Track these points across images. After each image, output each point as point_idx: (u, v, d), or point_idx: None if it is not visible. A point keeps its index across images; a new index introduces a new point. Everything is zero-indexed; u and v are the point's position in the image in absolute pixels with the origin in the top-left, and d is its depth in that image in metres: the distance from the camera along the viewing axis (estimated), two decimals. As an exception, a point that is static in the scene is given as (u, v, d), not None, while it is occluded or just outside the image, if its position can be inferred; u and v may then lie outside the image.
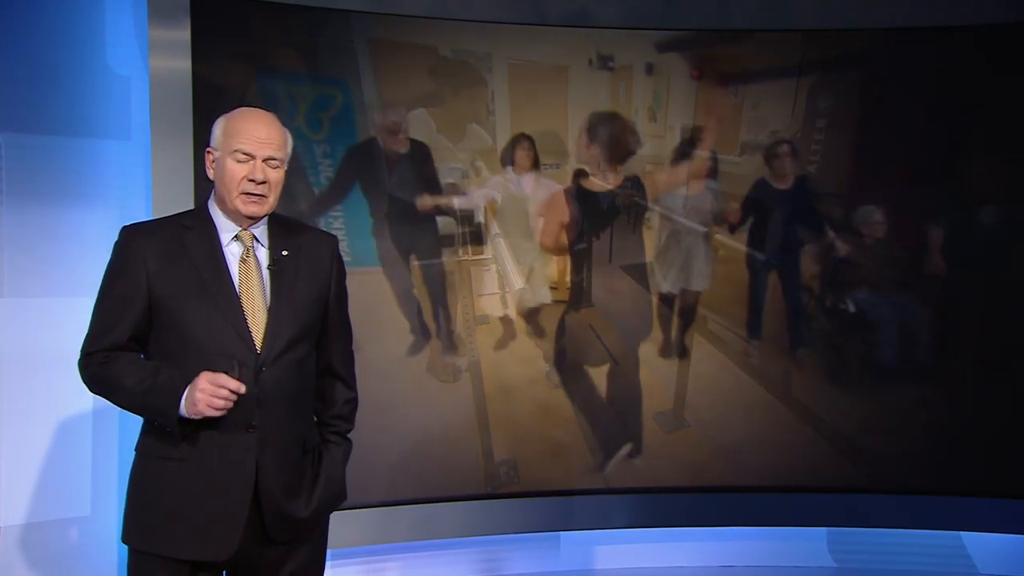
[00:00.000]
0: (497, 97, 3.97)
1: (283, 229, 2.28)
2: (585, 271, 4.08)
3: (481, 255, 4.02)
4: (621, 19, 3.98)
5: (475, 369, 3.98)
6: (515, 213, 4.04)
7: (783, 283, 4.19)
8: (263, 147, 2.16)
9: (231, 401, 2.05)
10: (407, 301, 3.91)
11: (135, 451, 2.23)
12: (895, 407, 4.11)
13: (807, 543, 4.20)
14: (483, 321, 4.02)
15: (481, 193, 4.00)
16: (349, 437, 2.41)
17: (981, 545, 4.12)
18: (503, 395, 4.00)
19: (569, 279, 4.07)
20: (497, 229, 4.02)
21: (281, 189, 2.23)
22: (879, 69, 4.09)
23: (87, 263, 3.26)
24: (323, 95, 3.75)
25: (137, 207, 3.38)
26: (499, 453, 3.97)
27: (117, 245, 2.20)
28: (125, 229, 2.21)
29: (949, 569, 4.12)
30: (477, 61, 3.94)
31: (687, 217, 4.15)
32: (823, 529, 4.19)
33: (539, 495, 3.98)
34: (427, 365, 3.91)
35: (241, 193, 2.16)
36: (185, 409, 2.07)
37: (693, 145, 4.12)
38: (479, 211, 3.99)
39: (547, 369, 4.06)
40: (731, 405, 4.15)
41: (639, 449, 4.09)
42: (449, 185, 3.95)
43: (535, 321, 4.07)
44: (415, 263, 3.93)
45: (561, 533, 4.08)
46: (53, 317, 3.27)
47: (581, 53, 4.00)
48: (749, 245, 4.16)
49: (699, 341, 4.15)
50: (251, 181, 2.15)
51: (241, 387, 2.05)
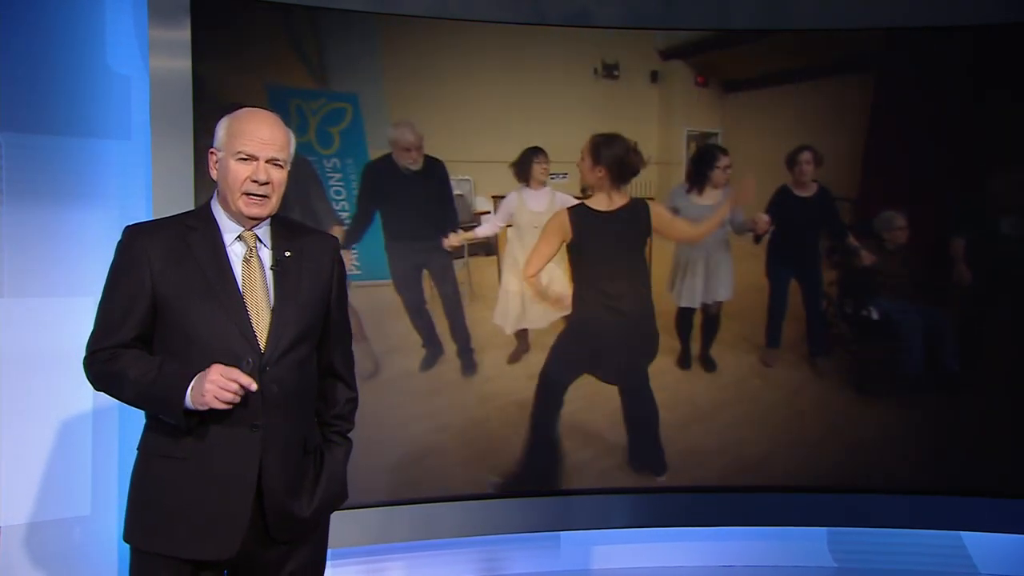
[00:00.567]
0: (503, 105, 3.96)
1: (285, 230, 2.28)
2: (588, 288, 4.04)
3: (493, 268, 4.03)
4: (621, 19, 3.98)
5: (482, 378, 3.99)
6: (531, 231, 4.03)
7: (804, 290, 4.16)
8: (266, 148, 2.17)
9: (239, 396, 2.05)
10: (419, 314, 3.92)
11: (137, 450, 2.23)
12: (895, 408, 4.11)
13: (807, 543, 4.20)
14: (495, 334, 4.01)
15: (500, 217, 3.99)
16: (350, 437, 2.42)
17: (981, 545, 4.12)
18: (511, 406, 4.01)
19: (573, 296, 4.04)
20: (514, 247, 4.02)
21: (284, 190, 2.23)
22: (893, 70, 4.06)
23: (87, 263, 3.27)
24: (332, 107, 3.76)
25: (137, 207, 3.38)
26: (500, 455, 3.98)
27: (121, 245, 2.20)
28: (128, 229, 2.21)
29: (949, 569, 4.12)
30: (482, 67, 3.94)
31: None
32: (823, 529, 4.19)
33: (539, 495, 3.98)
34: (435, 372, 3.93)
35: (244, 194, 2.17)
36: (191, 400, 2.06)
37: (711, 154, 4.10)
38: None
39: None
40: (732, 405, 4.15)
41: (663, 468, 4.09)
42: (458, 197, 3.94)
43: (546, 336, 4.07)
44: (427, 278, 3.93)
45: (561, 533, 4.08)
46: (53, 317, 3.27)
47: (585, 61, 3.99)
48: (770, 253, 4.14)
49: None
50: (254, 182, 2.16)
51: (252, 384, 2.06)
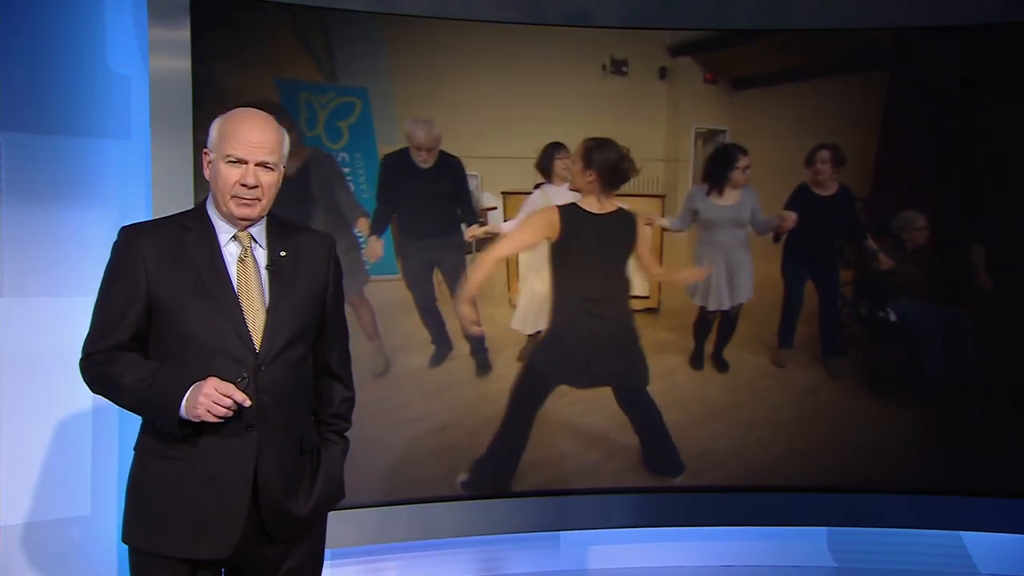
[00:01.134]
0: (510, 101, 3.95)
1: (281, 229, 2.28)
2: (568, 292, 4.00)
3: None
4: (621, 19, 3.97)
5: (493, 377, 3.99)
6: None
7: (819, 291, 4.13)
8: (255, 151, 2.15)
9: (232, 411, 2.06)
10: (429, 312, 3.91)
11: (134, 450, 2.23)
12: (896, 408, 4.11)
13: (807, 543, 4.20)
14: (502, 332, 4.00)
15: (525, 214, 3.97)
16: (347, 436, 2.42)
17: (981, 545, 4.11)
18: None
19: (553, 300, 3.99)
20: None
21: (277, 191, 2.22)
22: (909, 69, 4.04)
23: (87, 263, 3.26)
24: (340, 102, 3.76)
25: (137, 207, 3.38)
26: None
27: (116, 245, 2.20)
28: (124, 229, 2.21)
29: (949, 569, 4.11)
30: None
31: (727, 228, 4.09)
32: (823, 529, 4.19)
33: (539, 495, 3.98)
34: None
35: (233, 197, 2.16)
36: (185, 410, 2.07)
37: (730, 154, 4.07)
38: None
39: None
40: (732, 406, 4.15)
41: (680, 467, 4.07)
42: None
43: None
44: (439, 275, 3.93)
45: (560, 533, 4.08)
46: (53, 317, 3.27)
47: (594, 57, 3.97)
48: (786, 252, 4.11)
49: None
50: (243, 186, 2.15)
51: (246, 400, 2.07)
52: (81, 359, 2.20)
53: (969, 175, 4.05)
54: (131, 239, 2.18)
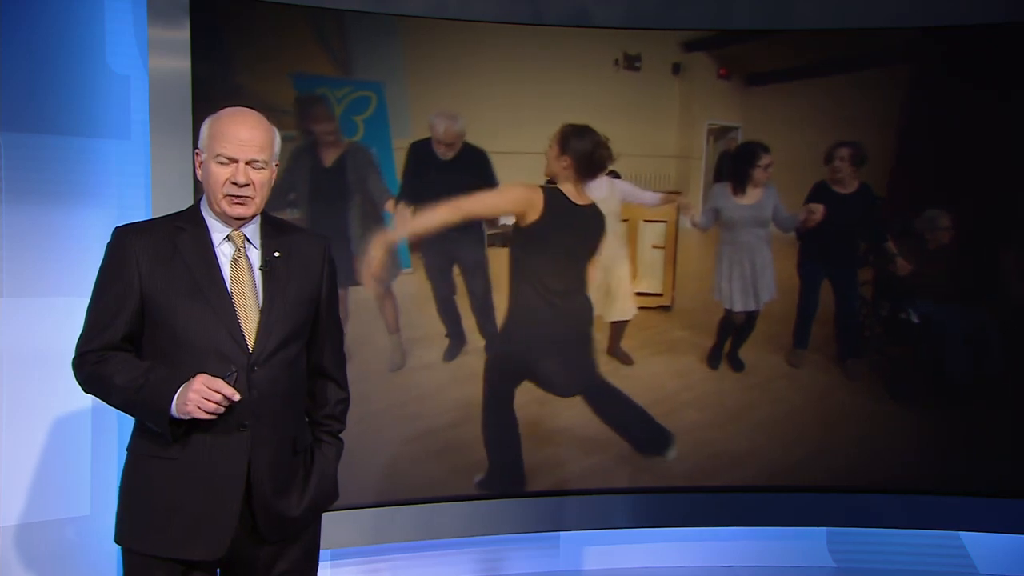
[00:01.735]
0: (524, 96, 3.93)
1: (275, 230, 2.28)
2: (529, 280, 3.94)
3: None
4: (620, 19, 3.96)
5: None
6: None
7: (836, 291, 4.09)
8: (245, 150, 2.15)
9: (222, 407, 2.06)
10: (446, 306, 3.90)
11: (127, 451, 2.24)
12: (898, 408, 4.10)
13: (807, 543, 4.20)
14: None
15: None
16: (341, 437, 2.42)
17: (981, 545, 4.12)
18: (532, 403, 3.99)
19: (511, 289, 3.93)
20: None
21: (269, 189, 2.23)
22: (930, 65, 3.98)
23: (87, 263, 3.23)
24: (356, 96, 3.76)
25: (137, 207, 3.38)
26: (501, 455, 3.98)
27: (110, 246, 2.21)
28: (118, 229, 2.22)
29: (949, 569, 4.12)
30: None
31: (749, 228, 4.05)
32: (823, 529, 4.19)
33: (539, 495, 3.98)
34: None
35: (225, 196, 2.17)
36: (176, 409, 2.07)
37: (753, 152, 4.04)
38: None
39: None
40: (732, 406, 4.14)
41: (669, 438, 4.02)
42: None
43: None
44: (457, 271, 3.91)
45: (561, 533, 4.08)
46: (53, 317, 3.27)
47: (607, 53, 3.94)
48: (803, 251, 4.07)
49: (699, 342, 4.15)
50: (234, 184, 2.15)
51: (235, 395, 2.07)
52: (74, 359, 2.20)
53: (994, 174, 3.99)
54: (124, 239, 2.19)
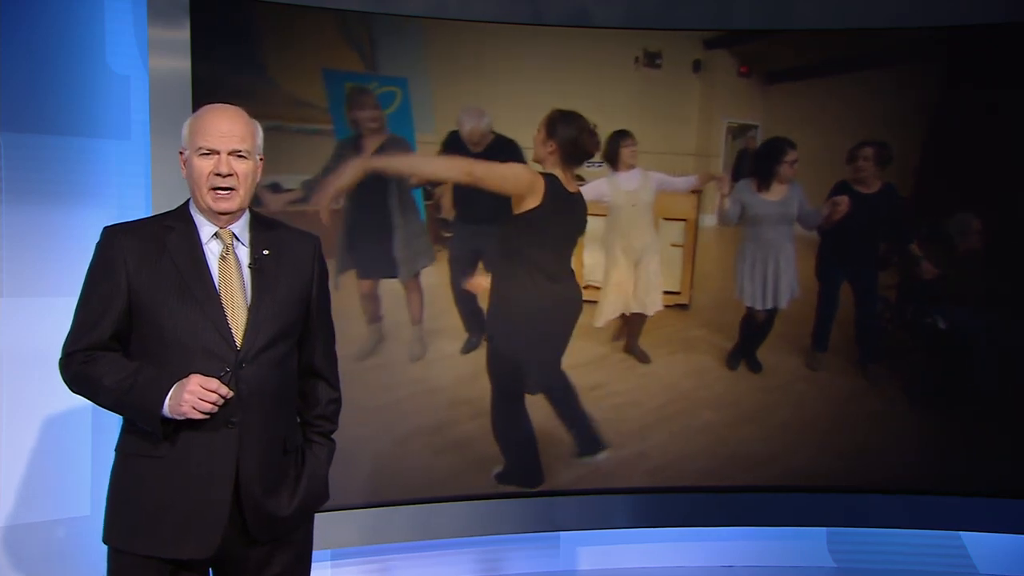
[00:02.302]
0: (544, 94, 3.92)
1: (264, 228, 2.28)
2: (526, 266, 3.93)
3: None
4: (620, 19, 3.96)
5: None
6: (629, 210, 3.98)
7: (856, 293, 4.04)
8: (225, 140, 2.16)
9: (217, 407, 2.07)
10: (466, 300, 3.89)
11: (115, 450, 2.23)
12: (898, 409, 4.10)
13: (807, 543, 4.20)
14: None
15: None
16: (333, 438, 2.41)
17: (981, 545, 4.12)
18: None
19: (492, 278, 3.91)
20: (611, 237, 3.98)
21: (253, 182, 2.22)
22: (952, 65, 3.94)
23: (86, 263, 3.25)
24: (383, 91, 3.78)
25: (136, 207, 3.37)
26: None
27: (99, 245, 2.21)
28: (107, 229, 2.22)
29: (949, 569, 4.11)
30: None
31: (774, 224, 4.02)
32: (823, 529, 4.19)
33: (539, 495, 3.98)
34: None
35: (210, 189, 2.16)
36: (168, 409, 2.07)
37: (778, 148, 4.01)
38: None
39: None
40: (731, 405, 4.14)
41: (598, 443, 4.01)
42: None
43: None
44: (483, 265, 3.91)
45: (561, 533, 4.07)
46: (53, 317, 3.21)
47: (627, 50, 3.93)
48: (822, 252, 4.03)
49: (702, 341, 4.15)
50: (217, 175, 2.15)
51: (230, 393, 2.07)
52: (61, 358, 2.20)
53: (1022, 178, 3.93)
54: (113, 238, 2.19)
